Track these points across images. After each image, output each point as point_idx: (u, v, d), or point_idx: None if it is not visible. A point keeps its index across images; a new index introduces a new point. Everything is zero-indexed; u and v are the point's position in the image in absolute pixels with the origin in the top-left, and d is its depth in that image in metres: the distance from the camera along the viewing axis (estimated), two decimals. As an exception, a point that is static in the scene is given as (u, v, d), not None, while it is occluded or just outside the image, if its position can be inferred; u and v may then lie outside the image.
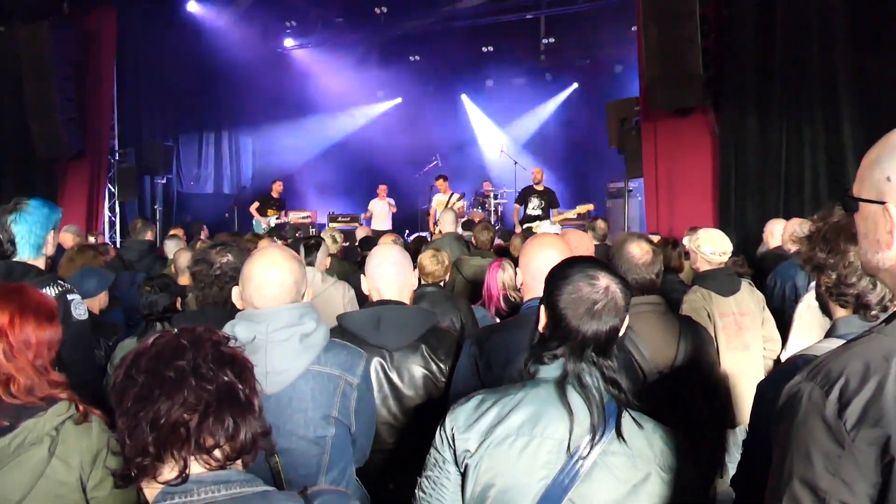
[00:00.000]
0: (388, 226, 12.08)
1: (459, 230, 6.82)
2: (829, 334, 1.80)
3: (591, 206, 10.27)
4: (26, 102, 10.17)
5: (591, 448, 1.60)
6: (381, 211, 12.23)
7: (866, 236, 1.18)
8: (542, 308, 1.80)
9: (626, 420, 1.65)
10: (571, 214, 10.18)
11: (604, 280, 1.70)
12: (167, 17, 12.63)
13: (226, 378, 1.27)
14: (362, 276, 2.75)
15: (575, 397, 1.65)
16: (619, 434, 1.61)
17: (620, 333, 1.74)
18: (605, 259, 4.99)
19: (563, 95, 15.30)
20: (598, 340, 1.68)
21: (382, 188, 12.44)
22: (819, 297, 1.89)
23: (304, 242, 4.71)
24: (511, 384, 1.77)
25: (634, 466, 1.60)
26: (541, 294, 1.82)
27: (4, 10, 10.39)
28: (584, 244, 3.73)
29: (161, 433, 1.21)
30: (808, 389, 1.10)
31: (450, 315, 3.64)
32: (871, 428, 1.00)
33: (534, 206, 10.37)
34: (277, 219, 11.85)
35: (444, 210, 6.98)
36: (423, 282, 3.97)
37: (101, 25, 11.06)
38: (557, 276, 1.76)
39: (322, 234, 6.43)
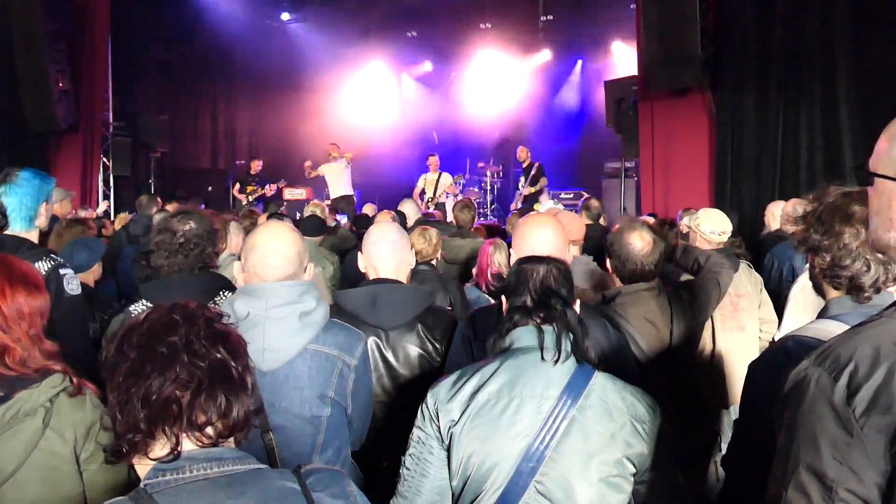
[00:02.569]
0: (345, 188, 11.41)
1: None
2: (822, 315, 1.80)
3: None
4: (18, 75, 10.04)
5: (570, 405, 1.69)
6: (335, 174, 11.38)
7: (878, 213, 1.15)
8: (503, 297, 1.98)
9: (600, 377, 1.77)
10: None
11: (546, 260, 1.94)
12: (162, -11, 12.47)
13: (218, 355, 1.26)
14: (359, 253, 2.73)
15: (551, 359, 1.75)
16: (595, 391, 1.73)
17: (576, 305, 1.92)
18: (600, 238, 5.01)
19: (561, 73, 15.17)
20: (550, 294, 1.85)
21: (332, 147, 11.50)
22: (813, 278, 1.88)
23: (268, 218, 4.69)
24: (489, 358, 1.87)
25: (611, 417, 1.71)
26: None
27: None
28: (576, 225, 3.73)
29: (153, 409, 1.20)
30: (815, 375, 1.07)
31: (443, 294, 3.64)
32: (881, 415, 0.98)
33: (522, 184, 10.47)
34: (255, 194, 11.74)
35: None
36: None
37: (95, -4, 10.92)
38: (513, 268, 1.99)
39: (310, 206, 6.42)
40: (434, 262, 4.08)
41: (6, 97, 10.25)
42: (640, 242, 2.81)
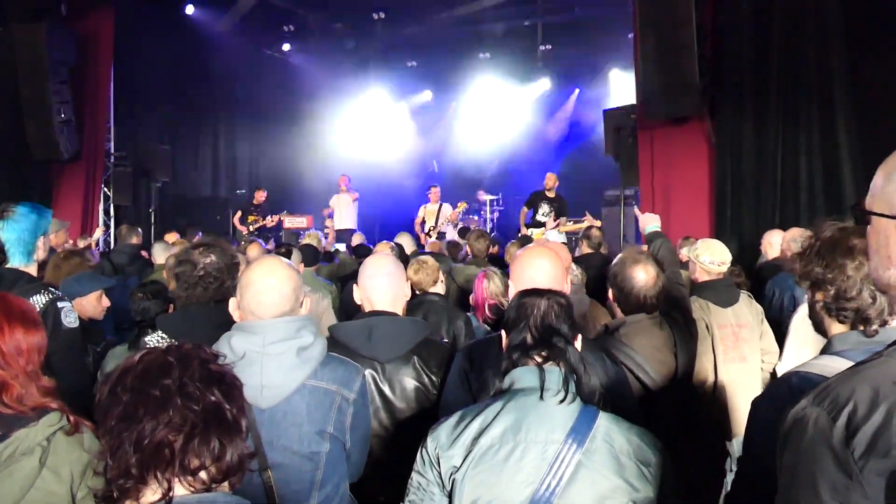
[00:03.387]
0: (350, 222, 11.70)
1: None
2: (825, 351, 1.77)
3: (598, 223, 10.08)
4: (22, 104, 10.11)
5: (575, 449, 1.65)
6: (343, 206, 11.75)
7: (878, 251, 1.14)
8: (503, 331, 1.94)
9: (604, 418, 1.72)
10: (580, 227, 10.03)
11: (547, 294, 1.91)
12: (165, 21, 12.60)
13: (213, 398, 1.25)
14: (354, 285, 2.72)
15: (554, 402, 1.71)
16: (600, 433, 1.69)
17: (577, 341, 1.87)
18: (601, 266, 5.00)
19: (559, 102, 15.30)
20: (552, 332, 1.81)
21: (342, 179, 11.90)
22: (813, 315, 1.85)
23: (276, 251, 4.69)
24: (490, 398, 1.83)
25: (617, 461, 1.67)
26: None
27: (1, 11, 10.35)
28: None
29: (145, 454, 1.18)
30: (814, 415, 1.06)
31: (447, 325, 3.63)
32: (880, 458, 0.97)
33: (544, 213, 10.24)
34: (256, 224, 11.83)
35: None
36: (416, 292, 3.95)
37: (99, 28, 11.01)
38: (514, 299, 1.97)
39: (307, 238, 6.42)
40: (442, 290, 4.06)
41: (10, 126, 10.31)
42: (643, 275, 2.81)
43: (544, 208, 10.23)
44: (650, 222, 3.64)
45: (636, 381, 2.64)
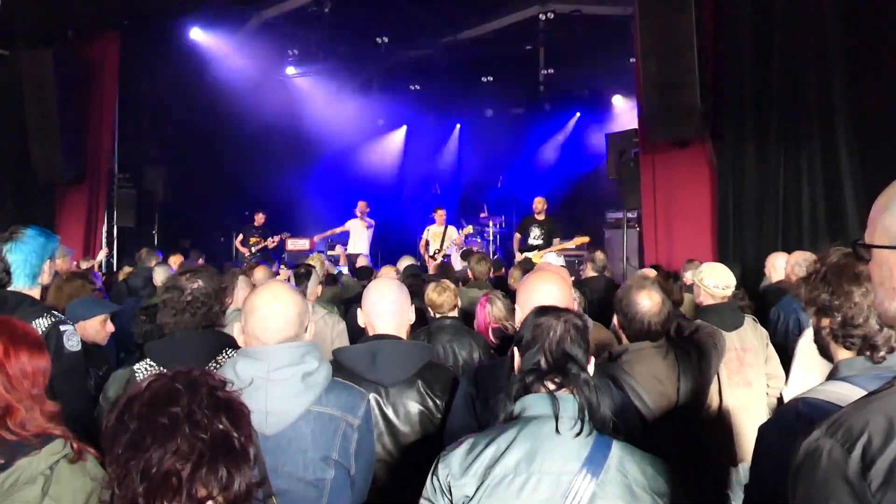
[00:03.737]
0: (363, 248, 11.81)
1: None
2: (832, 376, 1.76)
3: (586, 239, 10.20)
4: (27, 126, 10.20)
5: (590, 480, 1.62)
6: (356, 230, 11.91)
7: (882, 284, 1.13)
8: (515, 349, 1.89)
9: (617, 448, 1.70)
10: (570, 245, 10.13)
11: (562, 313, 1.88)
12: (170, 44, 12.69)
13: (220, 426, 1.24)
14: (358, 309, 2.72)
15: (568, 431, 1.68)
16: (614, 463, 1.66)
17: (590, 366, 1.84)
18: (605, 290, 4.99)
19: (561, 125, 15.38)
20: (567, 358, 1.78)
21: (361, 204, 12.07)
22: (819, 340, 1.84)
23: (294, 271, 4.66)
24: (503, 424, 1.79)
25: (631, 493, 1.64)
26: None
27: (10, 36, 10.46)
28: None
29: (152, 483, 1.17)
30: (827, 446, 1.04)
31: (468, 348, 3.63)
32: None
33: (535, 236, 10.29)
34: (258, 246, 11.91)
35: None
36: (437, 315, 3.95)
37: (105, 51, 11.12)
38: (527, 317, 1.92)
39: (309, 260, 6.40)
40: (455, 313, 4.07)
41: (14, 147, 10.40)
42: (648, 302, 2.79)
43: (535, 231, 10.31)
44: None
45: (636, 408, 2.62)
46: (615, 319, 2.94)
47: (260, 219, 12.34)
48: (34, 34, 10.15)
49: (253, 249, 11.82)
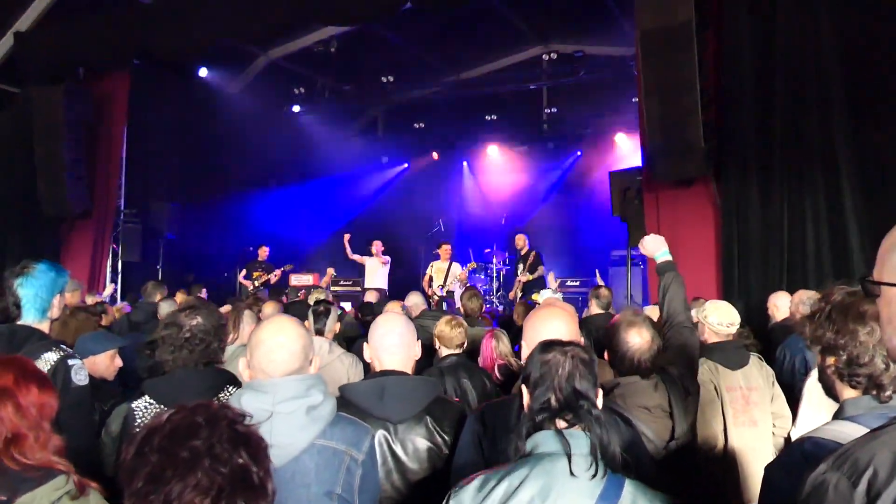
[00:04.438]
0: (382, 283, 11.90)
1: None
2: (838, 416, 1.76)
3: (552, 274, 10.44)
4: (36, 162, 10.32)
5: None
6: (371, 267, 12.00)
7: (890, 322, 1.14)
8: (523, 387, 1.88)
9: (629, 487, 1.68)
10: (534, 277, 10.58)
11: (568, 347, 1.86)
12: (179, 83, 12.88)
13: (240, 460, 1.24)
14: (365, 344, 2.72)
15: (581, 469, 1.66)
16: (627, 502, 1.64)
17: (598, 399, 1.83)
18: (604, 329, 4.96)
19: (565, 164, 15.49)
20: (577, 395, 1.77)
21: (376, 243, 12.19)
22: (824, 379, 1.84)
23: (313, 309, 4.63)
24: (513, 462, 1.77)
25: None
26: None
27: (21, 73, 10.65)
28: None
29: None
30: (833, 480, 1.05)
31: (478, 383, 3.66)
32: None
33: (520, 270, 10.58)
34: (261, 279, 11.99)
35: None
36: (444, 349, 3.94)
37: (114, 89, 11.28)
38: (533, 353, 1.91)
39: (310, 297, 6.38)
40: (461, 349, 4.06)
41: (23, 183, 10.51)
42: (637, 339, 2.80)
43: (520, 267, 10.78)
44: (658, 247, 3.34)
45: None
46: (605, 355, 2.92)
47: (264, 253, 12.41)
48: (45, 72, 10.33)
49: (257, 283, 11.85)
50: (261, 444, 1.31)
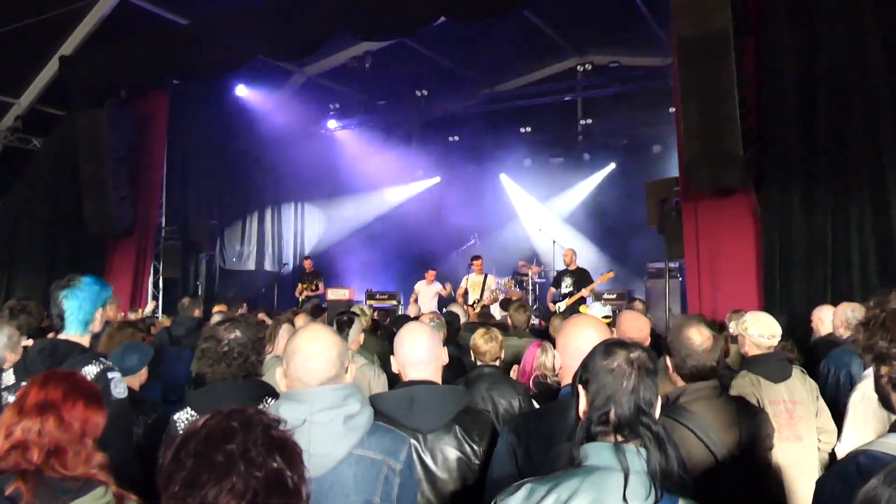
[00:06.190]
0: (430, 307, 11.98)
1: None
2: (894, 429, 1.69)
3: (611, 274, 10.50)
4: (82, 182, 10.62)
5: None
6: (426, 294, 12.05)
7: None
8: (580, 388, 1.78)
9: None
10: (597, 283, 10.47)
11: (633, 352, 1.74)
12: (216, 100, 13.15)
13: (275, 464, 1.23)
14: (392, 356, 2.72)
15: (634, 484, 1.59)
16: None
17: (657, 411, 1.73)
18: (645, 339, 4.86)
19: (600, 175, 15.37)
20: (639, 411, 1.67)
21: (430, 274, 12.23)
22: (879, 389, 1.77)
23: (337, 319, 4.65)
24: (562, 471, 1.70)
25: None
26: None
27: (66, 96, 10.97)
28: (638, 325, 3.63)
29: None
30: (886, 495, 1.03)
31: (508, 397, 3.60)
32: None
33: (567, 285, 10.39)
34: (301, 294, 12.43)
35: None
36: (478, 362, 3.93)
37: (155, 108, 11.57)
38: (595, 355, 1.79)
39: (353, 309, 6.41)
40: (498, 361, 4.04)
41: (70, 202, 10.82)
42: (699, 337, 2.71)
43: (567, 281, 10.51)
44: None
45: (704, 448, 2.53)
46: (668, 364, 2.81)
47: (308, 265, 12.88)
48: (89, 94, 10.62)
49: (302, 296, 12.14)
50: (295, 449, 1.31)
